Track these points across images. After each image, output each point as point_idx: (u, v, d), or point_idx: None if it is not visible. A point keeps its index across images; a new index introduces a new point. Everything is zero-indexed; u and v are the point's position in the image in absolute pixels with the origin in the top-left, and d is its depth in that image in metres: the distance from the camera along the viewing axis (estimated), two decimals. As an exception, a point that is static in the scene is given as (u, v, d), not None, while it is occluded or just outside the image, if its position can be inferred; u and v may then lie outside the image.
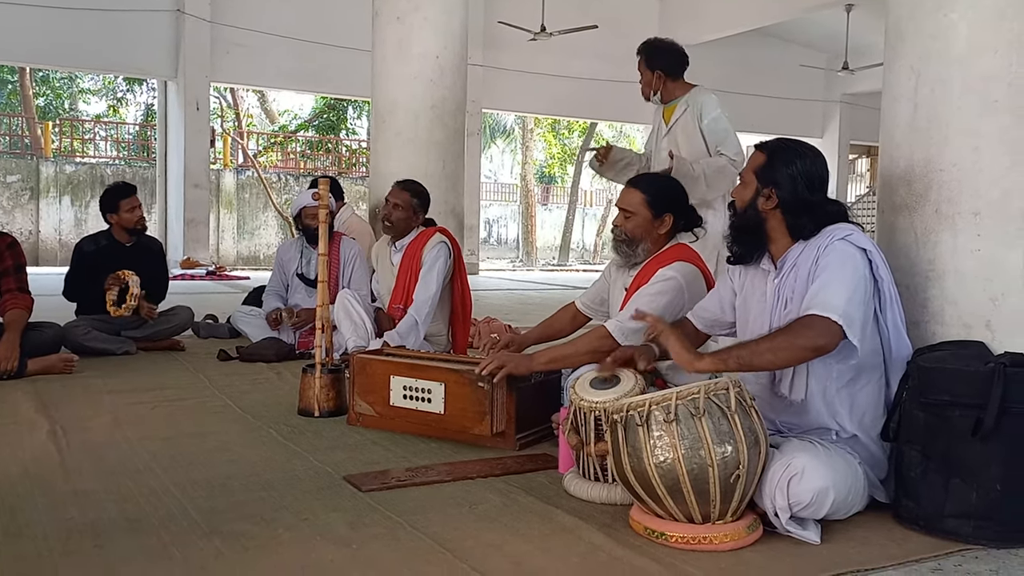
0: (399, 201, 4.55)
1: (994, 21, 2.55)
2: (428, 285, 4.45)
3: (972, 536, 2.25)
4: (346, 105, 23.61)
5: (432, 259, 4.47)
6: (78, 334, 4.98)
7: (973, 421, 2.23)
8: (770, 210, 2.54)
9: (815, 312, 2.31)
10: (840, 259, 2.40)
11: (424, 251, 4.52)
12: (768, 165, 2.54)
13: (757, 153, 2.60)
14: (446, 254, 4.53)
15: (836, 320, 2.29)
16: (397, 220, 4.57)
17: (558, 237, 25.82)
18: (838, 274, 2.37)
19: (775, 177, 2.53)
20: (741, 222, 2.61)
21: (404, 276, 4.56)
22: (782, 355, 2.34)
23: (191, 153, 13.72)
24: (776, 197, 2.52)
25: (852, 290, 2.34)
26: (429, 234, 4.59)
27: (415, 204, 4.58)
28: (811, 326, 2.31)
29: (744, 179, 2.61)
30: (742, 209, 2.60)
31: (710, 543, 2.17)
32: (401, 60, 5.61)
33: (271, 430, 3.38)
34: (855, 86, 16.84)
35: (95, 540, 2.18)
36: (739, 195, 2.62)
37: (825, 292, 2.34)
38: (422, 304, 4.41)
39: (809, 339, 2.30)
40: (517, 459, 2.99)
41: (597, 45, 14.37)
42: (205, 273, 13.06)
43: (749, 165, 2.60)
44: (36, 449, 3.05)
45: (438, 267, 4.47)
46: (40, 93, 22.81)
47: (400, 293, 4.58)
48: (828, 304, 2.31)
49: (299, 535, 2.24)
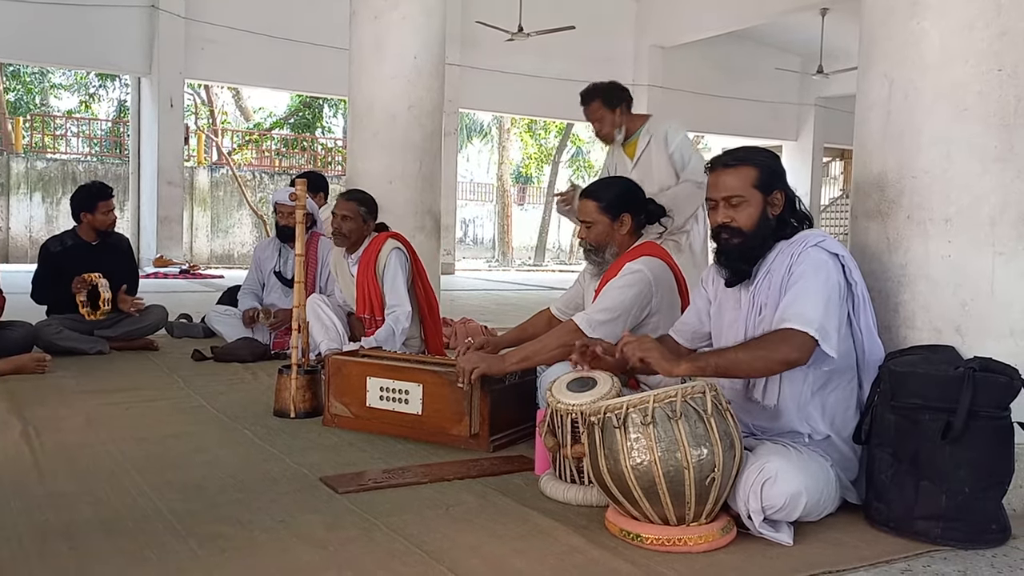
0: (347, 212, 4.53)
1: (964, 31, 2.59)
2: (399, 294, 4.44)
3: (941, 537, 2.28)
4: (322, 103, 23.52)
5: (392, 268, 4.47)
6: (50, 333, 4.93)
7: (943, 424, 2.27)
8: (777, 215, 2.53)
9: (791, 326, 2.33)
10: (814, 267, 2.41)
11: (378, 258, 4.51)
12: (765, 174, 2.52)
13: (743, 169, 2.50)
14: (402, 260, 4.52)
15: (812, 334, 2.31)
16: (349, 231, 4.55)
17: (534, 237, 25.84)
18: (812, 283, 2.38)
19: (776, 181, 2.54)
20: (756, 242, 2.51)
21: (362, 286, 4.55)
22: (758, 366, 2.37)
23: (165, 150, 13.60)
24: (784, 196, 2.54)
25: (826, 300, 2.37)
26: (381, 240, 4.57)
27: (363, 212, 4.57)
28: (787, 340, 2.33)
29: (739, 200, 2.49)
30: (754, 228, 2.50)
31: (685, 545, 2.19)
32: (378, 60, 5.59)
33: (247, 431, 3.37)
34: (829, 89, 16.99)
35: (70, 542, 2.17)
36: (743, 218, 2.50)
37: (800, 303, 2.36)
38: (400, 316, 4.40)
39: (784, 353, 2.33)
40: (493, 461, 3.00)
41: (574, 46, 14.40)
42: (179, 272, 12.97)
43: (742, 183, 2.49)
44: (9, 450, 3.03)
45: (400, 277, 4.47)
46: (11, 88, 22.50)
47: (363, 303, 4.56)
48: (803, 316, 2.33)
49: (275, 537, 2.24)
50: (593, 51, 14.90)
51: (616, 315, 3.09)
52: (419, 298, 4.65)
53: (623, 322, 3.09)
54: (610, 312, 3.09)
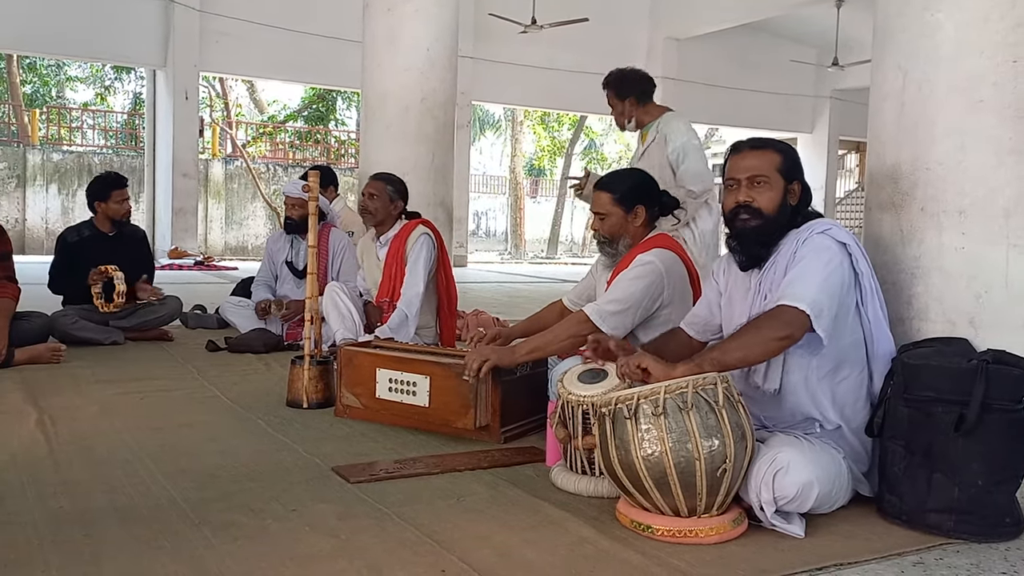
0: (374, 191, 4.60)
1: (979, 22, 2.57)
2: (416, 279, 4.47)
3: (954, 530, 2.28)
4: (335, 96, 23.53)
5: (416, 252, 4.49)
6: (66, 323, 4.97)
7: (956, 417, 2.26)
8: (794, 204, 2.53)
9: (784, 302, 2.33)
10: (815, 251, 2.41)
11: (408, 244, 4.53)
12: (788, 161, 2.53)
13: (769, 152, 2.51)
14: (430, 246, 4.54)
15: (804, 309, 2.30)
16: (375, 209, 4.60)
17: (547, 230, 25.82)
18: (812, 265, 2.38)
19: (796, 172, 2.54)
20: (773, 227, 2.51)
21: (390, 270, 4.57)
22: (754, 349, 2.35)
23: (179, 143, 13.66)
24: (801, 189, 2.54)
25: (824, 280, 2.36)
26: (412, 227, 4.60)
27: (391, 191, 4.61)
28: (778, 316, 2.33)
29: (762, 181, 2.50)
30: (774, 213, 2.50)
31: (696, 536, 2.19)
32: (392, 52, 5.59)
33: (260, 421, 3.39)
34: (845, 82, 16.88)
35: (85, 529, 2.19)
36: (765, 200, 2.49)
37: (797, 283, 2.36)
38: (412, 299, 4.42)
39: (775, 329, 2.32)
40: (504, 452, 3.01)
41: (588, 38, 14.36)
42: (193, 263, 13.03)
43: (767, 165, 2.50)
44: (25, 438, 3.05)
45: (423, 260, 4.48)
46: (27, 80, 22.62)
47: (387, 287, 4.58)
48: (797, 294, 2.33)
49: (288, 525, 2.25)
50: (607, 43, 14.81)
51: (627, 306, 3.08)
52: (440, 288, 4.67)
53: (633, 314, 3.09)
54: (620, 303, 3.08)
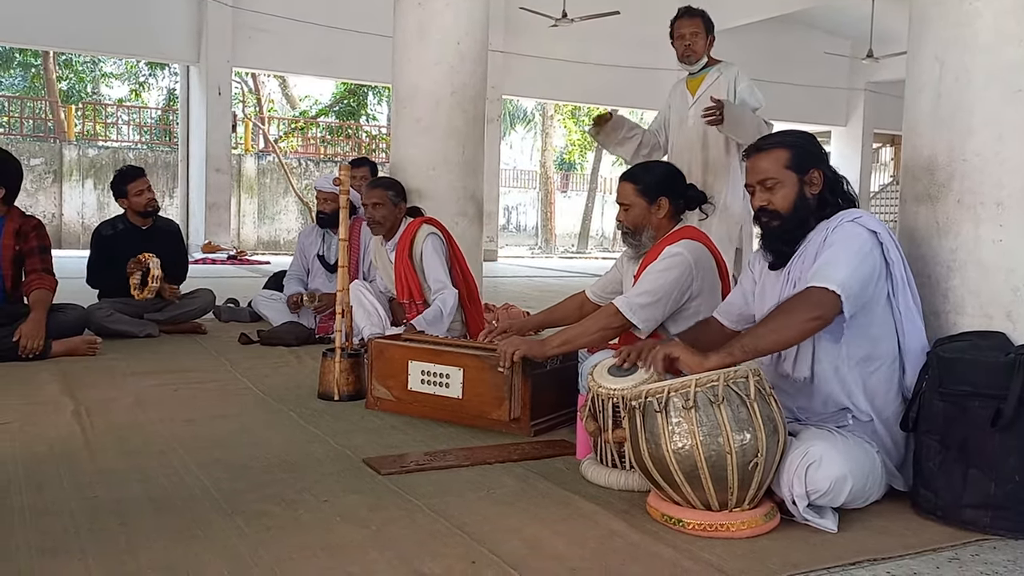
0: (376, 199, 4.59)
1: (1019, 11, 2.53)
2: (439, 277, 4.46)
3: (990, 526, 2.25)
4: (366, 91, 23.62)
5: (428, 254, 4.48)
6: (101, 316, 5.04)
7: (992, 411, 2.23)
8: (816, 194, 2.52)
9: (814, 283, 2.32)
10: (846, 238, 2.40)
11: (414, 246, 4.53)
12: (798, 154, 2.52)
13: (774, 151, 2.53)
14: (436, 243, 4.53)
15: (834, 290, 2.28)
16: (383, 218, 4.61)
17: (577, 224, 25.73)
18: (843, 250, 2.37)
19: (810, 161, 2.52)
20: (793, 224, 2.52)
21: (400, 271, 4.57)
22: (785, 333, 2.33)
23: (213, 138, 13.80)
24: (823, 175, 2.52)
25: (855, 265, 2.34)
26: (415, 227, 4.59)
27: (391, 196, 4.62)
28: (807, 298, 2.31)
29: (773, 183, 2.51)
30: (791, 210, 2.51)
31: (727, 530, 2.18)
32: (422, 45, 5.59)
33: (292, 413, 3.42)
34: (880, 74, 16.67)
35: (120, 518, 2.22)
36: (779, 200, 2.51)
37: (827, 266, 2.34)
38: (448, 296, 4.41)
39: (806, 310, 2.30)
40: (535, 445, 3.01)
41: (619, 31, 14.30)
42: (226, 257, 13.16)
43: (774, 165, 2.51)
44: (61, 429, 3.10)
45: (436, 257, 4.48)
46: (63, 77, 22.95)
47: (401, 288, 4.58)
48: (828, 276, 2.31)
49: (319, 516, 2.27)
50: (638, 37, 14.72)
51: (657, 298, 3.07)
52: (457, 283, 4.67)
53: (663, 305, 3.08)
54: (651, 295, 3.07)
